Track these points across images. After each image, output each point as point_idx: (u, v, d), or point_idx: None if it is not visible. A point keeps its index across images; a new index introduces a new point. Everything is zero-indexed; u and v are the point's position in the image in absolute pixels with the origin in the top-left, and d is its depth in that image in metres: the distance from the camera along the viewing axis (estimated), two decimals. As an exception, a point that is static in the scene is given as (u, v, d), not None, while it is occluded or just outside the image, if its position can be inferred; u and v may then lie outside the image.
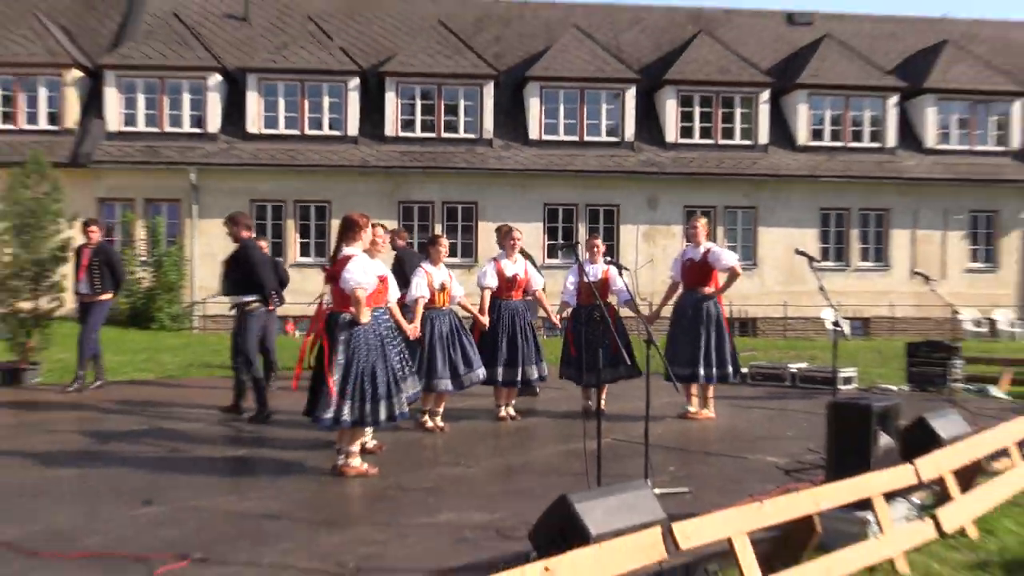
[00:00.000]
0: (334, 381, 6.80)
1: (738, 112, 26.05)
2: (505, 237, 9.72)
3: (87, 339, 11.48)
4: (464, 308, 9.36)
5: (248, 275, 9.62)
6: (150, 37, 25.28)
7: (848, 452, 5.57)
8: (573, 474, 6.68)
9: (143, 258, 23.30)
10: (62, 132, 24.00)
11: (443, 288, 8.99)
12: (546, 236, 24.89)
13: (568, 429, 9.17)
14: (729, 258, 9.77)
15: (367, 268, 6.95)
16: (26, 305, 12.23)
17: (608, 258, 8.66)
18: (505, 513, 5.84)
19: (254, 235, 10.60)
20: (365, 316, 6.90)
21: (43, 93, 24.19)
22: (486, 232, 22.75)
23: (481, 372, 9.14)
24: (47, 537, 5.33)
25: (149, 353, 16.52)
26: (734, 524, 4.39)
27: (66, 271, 12.86)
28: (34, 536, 5.32)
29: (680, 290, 10.01)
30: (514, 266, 9.61)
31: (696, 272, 9.72)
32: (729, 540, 4.35)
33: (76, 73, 24.41)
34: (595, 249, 9.95)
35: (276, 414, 9.39)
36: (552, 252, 24.54)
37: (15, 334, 12.16)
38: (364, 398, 6.88)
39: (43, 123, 24.11)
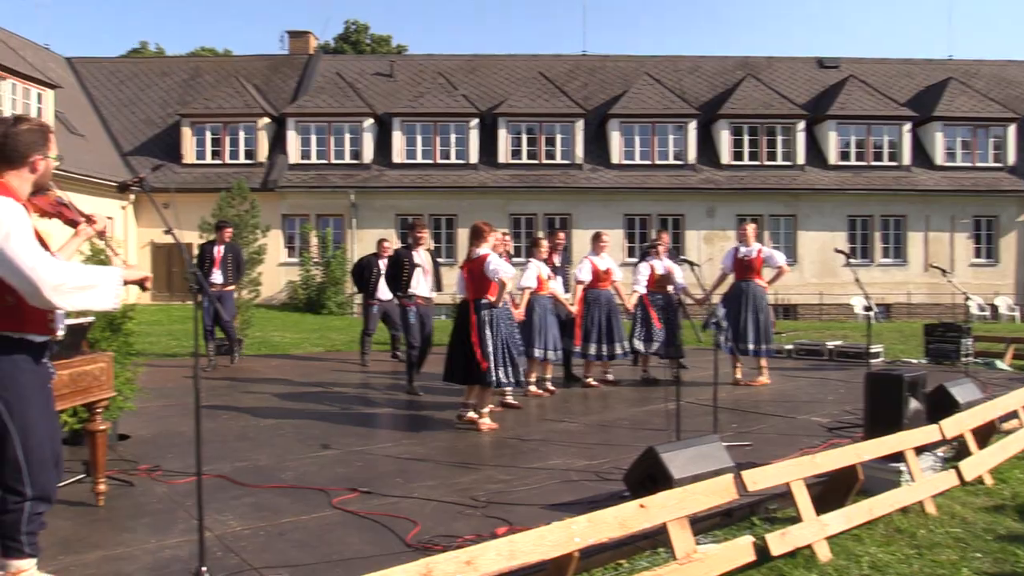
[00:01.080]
0: (488, 352, 6.72)
1: (779, 139, 25.32)
2: (595, 240, 9.54)
3: (231, 324, 10.95)
4: (555, 297, 8.81)
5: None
6: (320, 92, 25.86)
7: (883, 413, 5.32)
8: (655, 429, 6.52)
9: (316, 259, 23.84)
10: (256, 164, 24.72)
11: (546, 279, 8.76)
12: (626, 240, 24.56)
13: (644, 393, 8.96)
14: (780, 259, 9.58)
15: (503, 262, 6.88)
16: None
17: (681, 256, 8.40)
18: (602, 460, 5.72)
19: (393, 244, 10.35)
20: (502, 299, 6.85)
21: (242, 136, 25.02)
22: (578, 237, 22.51)
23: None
24: (251, 472, 5.44)
25: (321, 332, 16.83)
26: (792, 472, 4.22)
27: (260, 269, 13.12)
28: (242, 471, 5.44)
29: (731, 280, 9.60)
30: (604, 262, 9.32)
31: (748, 266, 9.38)
32: (788, 485, 4.19)
33: (266, 120, 25.13)
34: (661, 248, 9.69)
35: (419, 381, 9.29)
36: (631, 252, 24.10)
37: (224, 317, 12.43)
38: (507, 363, 6.84)
39: (242, 158, 24.87)
